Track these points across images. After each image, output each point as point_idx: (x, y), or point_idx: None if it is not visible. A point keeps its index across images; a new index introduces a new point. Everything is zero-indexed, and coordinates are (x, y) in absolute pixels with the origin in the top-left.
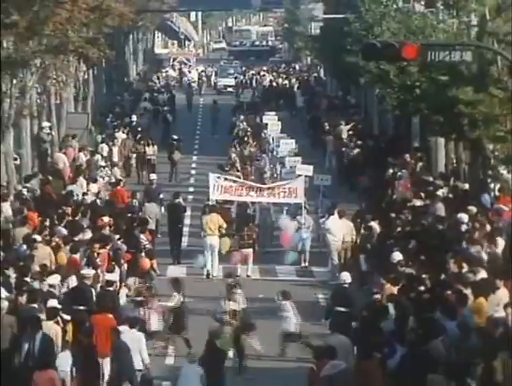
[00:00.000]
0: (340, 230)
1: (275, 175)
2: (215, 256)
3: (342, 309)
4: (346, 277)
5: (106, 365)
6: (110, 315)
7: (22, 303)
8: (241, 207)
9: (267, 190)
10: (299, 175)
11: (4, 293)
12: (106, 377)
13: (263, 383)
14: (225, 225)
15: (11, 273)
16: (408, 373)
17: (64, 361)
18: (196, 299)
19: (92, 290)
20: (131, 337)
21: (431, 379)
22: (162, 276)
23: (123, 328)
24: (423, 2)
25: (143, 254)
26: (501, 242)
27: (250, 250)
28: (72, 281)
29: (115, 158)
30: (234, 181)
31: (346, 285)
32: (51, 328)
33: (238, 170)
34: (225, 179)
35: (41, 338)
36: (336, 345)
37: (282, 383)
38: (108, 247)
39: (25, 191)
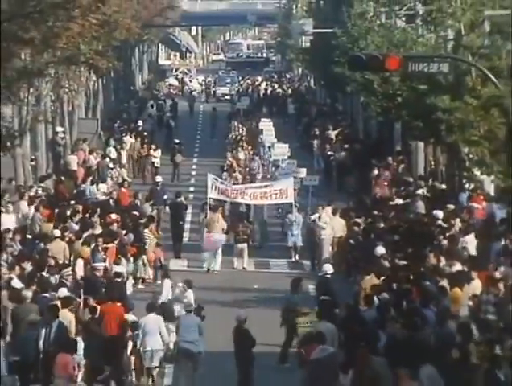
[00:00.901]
0: (332, 225)
1: (268, 177)
2: (218, 252)
3: (326, 297)
4: (328, 268)
5: None
6: (119, 304)
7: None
8: (233, 206)
9: (260, 193)
10: (295, 177)
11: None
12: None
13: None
14: (225, 224)
15: (28, 266)
16: (392, 360)
17: (79, 346)
18: (196, 289)
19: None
20: (151, 320)
21: (426, 370)
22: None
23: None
24: (404, 18)
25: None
26: (474, 237)
27: (245, 245)
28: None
29: (123, 160)
30: (230, 185)
31: (328, 276)
32: (66, 316)
33: (235, 171)
34: (222, 183)
35: (57, 325)
36: (324, 331)
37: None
38: (115, 241)
39: (40, 190)
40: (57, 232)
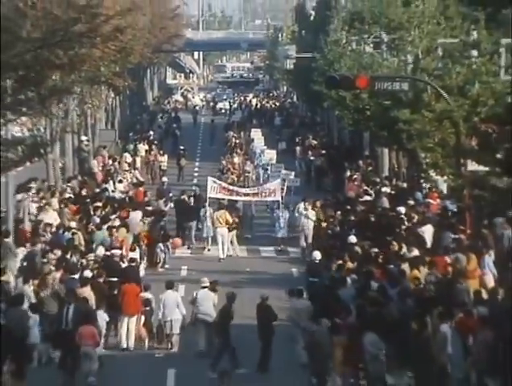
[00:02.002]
0: (313, 217)
1: (259, 178)
2: (224, 242)
3: (315, 279)
4: (317, 255)
5: (132, 322)
6: (135, 284)
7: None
8: (230, 202)
9: (252, 192)
10: (283, 179)
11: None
12: (132, 332)
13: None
14: (231, 220)
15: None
16: (362, 331)
17: (100, 318)
18: (198, 272)
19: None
20: (170, 295)
21: (368, 336)
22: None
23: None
24: (371, 45)
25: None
26: (430, 228)
27: (234, 232)
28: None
29: (138, 164)
30: (225, 185)
31: (317, 261)
32: (85, 293)
33: (232, 174)
34: (220, 184)
35: (73, 307)
36: (300, 306)
37: None
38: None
39: (68, 188)
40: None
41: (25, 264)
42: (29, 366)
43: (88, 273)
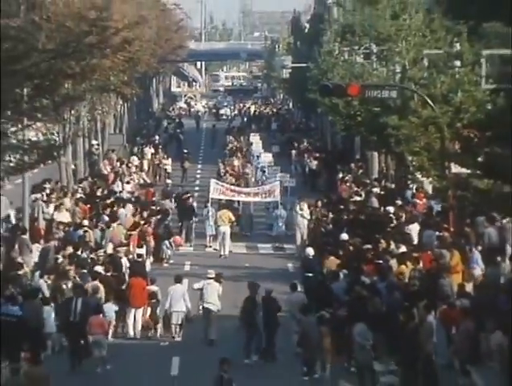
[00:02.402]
0: (308, 216)
1: (258, 180)
2: (226, 239)
3: (309, 274)
4: (310, 251)
5: (138, 313)
6: (141, 278)
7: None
8: (229, 201)
9: (253, 193)
10: (280, 181)
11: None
12: (139, 322)
13: None
14: (233, 218)
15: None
16: (351, 321)
17: (109, 309)
18: (201, 267)
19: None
20: (178, 289)
21: (357, 327)
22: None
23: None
24: (362, 56)
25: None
26: (416, 226)
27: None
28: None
29: (145, 167)
30: (227, 186)
31: (311, 257)
32: (97, 286)
33: (231, 175)
34: (222, 186)
35: (81, 302)
36: (295, 299)
37: None
38: (137, 229)
39: (80, 189)
40: (86, 222)
41: (40, 259)
42: (44, 353)
43: (98, 268)
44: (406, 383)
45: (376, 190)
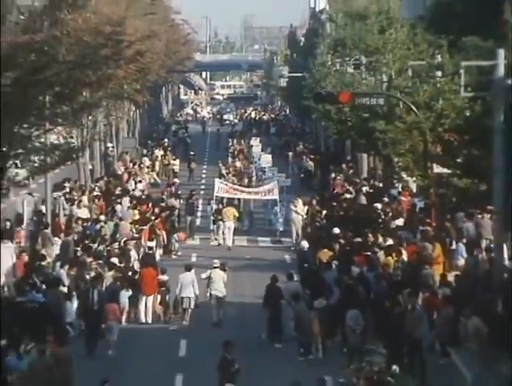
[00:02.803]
0: (303, 213)
1: (259, 180)
2: (230, 233)
3: (304, 264)
4: (305, 244)
5: (150, 300)
6: (152, 268)
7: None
8: (230, 200)
9: (254, 191)
10: (277, 180)
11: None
12: (150, 308)
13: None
14: (237, 214)
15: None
16: (343, 308)
17: (123, 296)
18: (206, 258)
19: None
20: (187, 276)
21: (350, 313)
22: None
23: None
24: (352, 66)
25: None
26: (401, 221)
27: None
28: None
29: (157, 168)
30: (231, 186)
31: (305, 249)
32: (111, 275)
33: (234, 175)
34: (226, 185)
35: (97, 291)
36: (291, 287)
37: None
38: (148, 224)
39: (96, 188)
40: (102, 217)
41: (61, 251)
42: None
43: (113, 259)
44: (391, 364)
45: (365, 188)
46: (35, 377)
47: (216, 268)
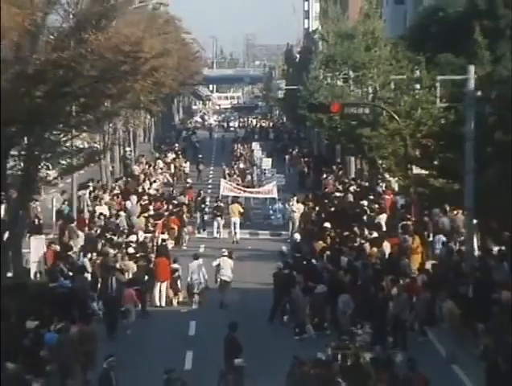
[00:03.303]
0: (299, 209)
1: (259, 180)
2: (237, 228)
3: (297, 254)
4: (297, 236)
5: (163, 286)
6: (165, 258)
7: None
8: (234, 198)
9: (255, 190)
10: (274, 180)
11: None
12: (164, 293)
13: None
14: (242, 210)
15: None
16: (331, 293)
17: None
18: (212, 249)
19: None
20: (196, 264)
21: (341, 297)
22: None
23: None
24: (341, 80)
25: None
26: (385, 216)
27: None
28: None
29: (172, 170)
30: (235, 185)
31: (298, 241)
32: (130, 265)
33: (238, 176)
34: (230, 184)
35: (114, 280)
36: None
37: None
38: (162, 219)
39: (116, 187)
40: (122, 213)
41: (85, 243)
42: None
43: (131, 250)
44: (376, 341)
45: (353, 187)
46: (62, 351)
47: (224, 256)
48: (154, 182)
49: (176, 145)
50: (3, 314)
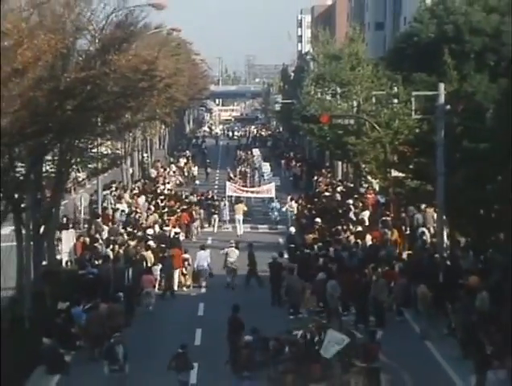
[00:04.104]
0: (294, 207)
1: (259, 181)
2: (240, 224)
3: (292, 245)
4: (292, 229)
5: (176, 273)
6: (178, 249)
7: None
8: (238, 198)
9: (256, 191)
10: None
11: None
12: (176, 279)
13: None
14: (246, 209)
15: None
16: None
17: (155, 269)
18: (219, 241)
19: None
20: (203, 254)
21: (329, 282)
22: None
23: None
24: (330, 95)
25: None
26: (367, 213)
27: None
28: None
29: (186, 173)
30: (239, 187)
31: (293, 234)
32: (147, 255)
33: (240, 178)
34: (234, 186)
35: (132, 269)
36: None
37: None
38: (175, 215)
39: (135, 187)
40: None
41: (109, 235)
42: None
43: (149, 242)
44: (360, 321)
45: (340, 188)
46: (93, 325)
47: (231, 246)
48: (168, 183)
49: (187, 151)
50: (40, 298)
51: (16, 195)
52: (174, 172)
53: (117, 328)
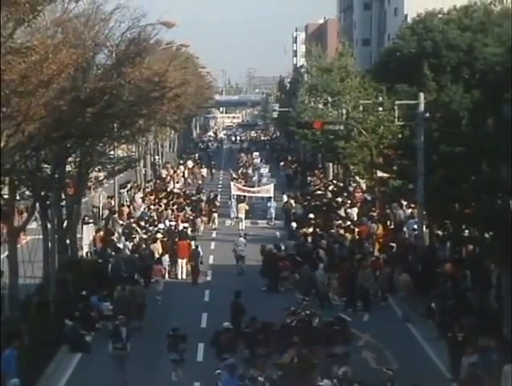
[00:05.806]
0: (291, 204)
1: (259, 181)
2: (242, 221)
3: (292, 240)
4: (294, 224)
5: (184, 263)
6: (185, 241)
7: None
8: (240, 197)
9: (256, 190)
10: (271, 183)
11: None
12: (184, 268)
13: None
14: (247, 208)
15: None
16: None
17: (165, 260)
18: (223, 235)
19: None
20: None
21: (318, 273)
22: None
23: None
24: (322, 104)
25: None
26: (356, 209)
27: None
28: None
29: (192, 174)
30: (242, 187)
31: (294, 229)
32: (155, 246)
33: (242, 178)
34: (238, 186)
35: (141, 259)
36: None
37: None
38: (183, 211)
39: (148, 186)
40: (152, 207)
41: (124, 230)
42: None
43: (159, 235)
44: (348, 305)
45: (331, 187)
46: (120, 304)
47: (240, 237)
48: (177, 183)
49: (195, 154)
50: (64, 284)
51: (42, 193)
52: (182, 173)
53: (139, 307)
